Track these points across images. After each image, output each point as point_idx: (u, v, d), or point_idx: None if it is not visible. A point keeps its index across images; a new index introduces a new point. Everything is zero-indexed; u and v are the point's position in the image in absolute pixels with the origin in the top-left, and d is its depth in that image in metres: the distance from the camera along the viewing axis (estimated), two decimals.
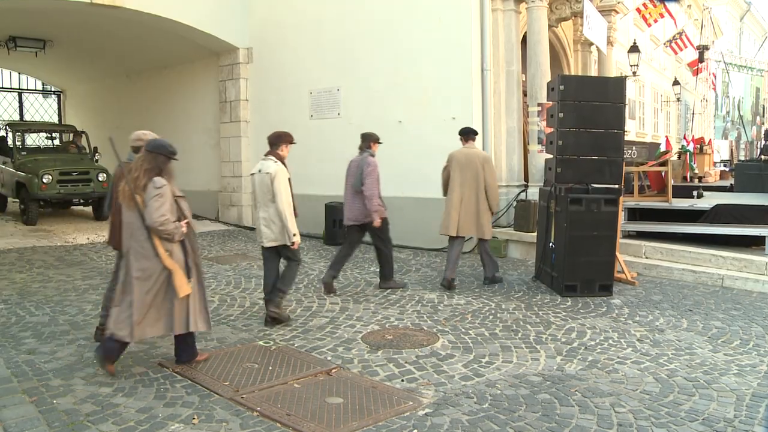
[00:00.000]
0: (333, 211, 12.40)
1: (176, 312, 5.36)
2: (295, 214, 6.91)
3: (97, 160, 15.97)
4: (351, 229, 8.65)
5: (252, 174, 7.19)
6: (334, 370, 5.56)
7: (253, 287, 8.75)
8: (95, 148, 16.35)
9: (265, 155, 7.02)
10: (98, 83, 20.55)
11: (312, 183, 13.32)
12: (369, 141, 8.52)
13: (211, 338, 6.44)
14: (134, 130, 6.39)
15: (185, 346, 5.65)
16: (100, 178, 14.89)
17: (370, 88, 12.66)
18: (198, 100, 16.24)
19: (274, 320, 6.91)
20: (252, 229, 14.45)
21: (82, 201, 15.47)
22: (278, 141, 7.03)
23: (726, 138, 34.90)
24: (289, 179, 6.95)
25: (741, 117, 34.34)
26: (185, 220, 5.47)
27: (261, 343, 6.31)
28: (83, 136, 17.01)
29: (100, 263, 10.39)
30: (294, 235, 6.77)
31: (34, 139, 18.03)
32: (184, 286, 5.31)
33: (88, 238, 12.89)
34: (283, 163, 6.96)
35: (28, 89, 23.93)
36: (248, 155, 15.02)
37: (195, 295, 5.49)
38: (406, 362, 5.78)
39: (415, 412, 4.70)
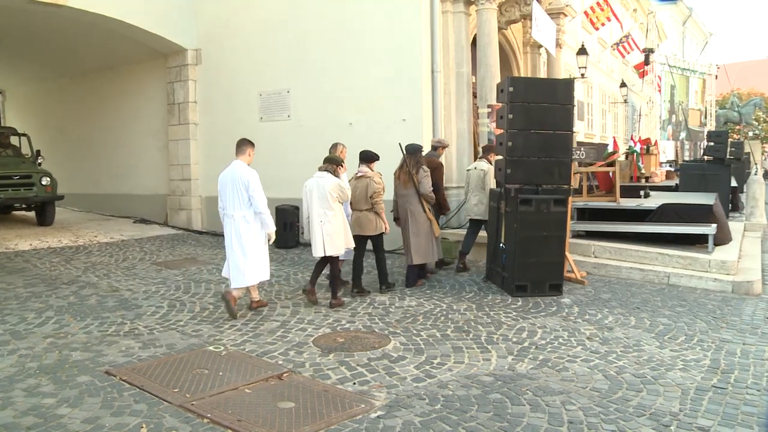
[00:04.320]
0: (284, 214, 12.29)
1: None
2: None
3: (40, 164, 15.53)
4: None
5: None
6: (285, 375, 5.49)
7: (203, 292, 8.61)
8: (38, 152, 15.89)
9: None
10: (41, 84, 20.02)
11: (261, 185, 13.17)
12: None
13: (159, 345, 6.32)
14: (78, 132, 6.27)
15: None
16: (43, 182, 14.49)
17: (320, 89, 12.60)
18: (145, 102, 15.96)
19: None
20: (201, 232, 14.27)
21: (24, 206, 15.02)
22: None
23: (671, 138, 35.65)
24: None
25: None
26: None
27: (211, 348, 6.21)
28: (23, 137, 16.43)
29: (44, 270, 10.10)
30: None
31: None
32: None
33: (30, 245, 12.52)
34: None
35: None
36: (197, 158, 14.81)
37: None
38: (357, 365, 5.75)
39: (367, 415, 4.67)
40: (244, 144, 7.84)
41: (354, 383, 5.32)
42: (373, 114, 11.80)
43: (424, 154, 9.35)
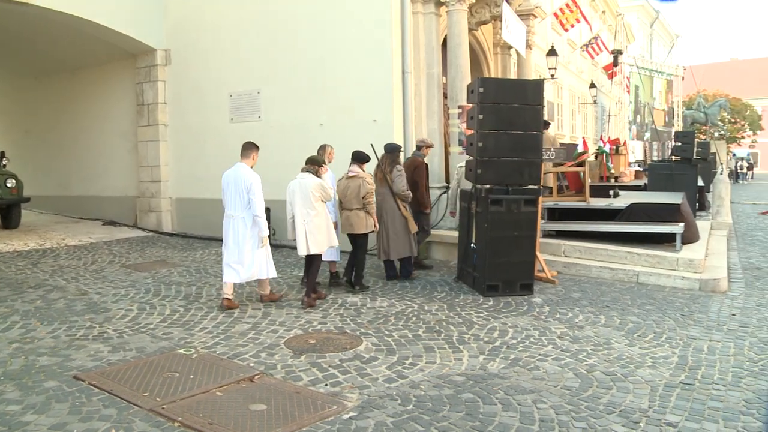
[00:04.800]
0: None
1: None
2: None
3: (5, 166, 15.26)
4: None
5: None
6: (257, 377, 5.47)
7: (173, 294, 8.54)
8: (2, 153, 15.62)
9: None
10: (5, 84, 19.61)
11: None
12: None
13: (129, 348, 6.25)
14: (45, 133, 6.24)
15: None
16: (8, 185, 14.24)
17: (291, 90, 12.54)
18: (113, 103, 15.76)
19: None
20: (172, 234, 14.15)
21: None
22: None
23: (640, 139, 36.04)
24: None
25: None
26: None
27: (182, 351, 6.15)
28: None
29: (9, 274, 9.93)
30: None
31: None
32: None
33: None
34: None
35: None
36: (167, 159, 14.68)
37: None
38: (329, 366, 5.73)
39: (340, 416, 4.66)
40: (248, 147, 8.11)
41: (326, 384, 5.31)
42: (344, 115, 11.78)
43: (411, 154, 9.45)
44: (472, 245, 8.79)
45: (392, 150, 9.38)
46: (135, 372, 5.55)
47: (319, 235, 7.95)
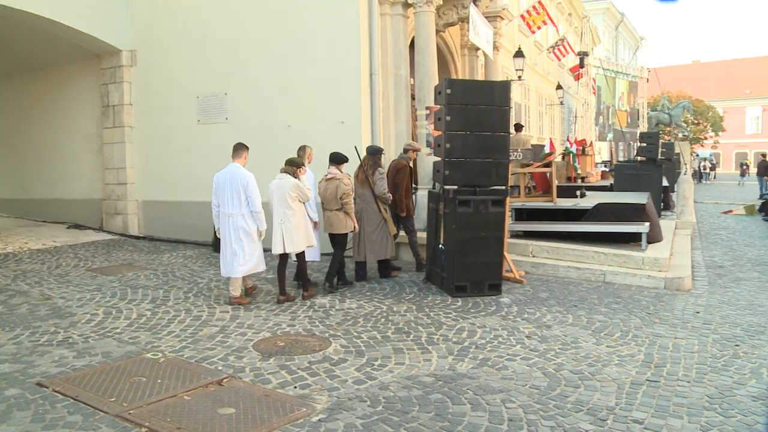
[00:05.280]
0: None
1: None
2: None
3: None
4: None
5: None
6: (225, 380, 5.43)
7: (140, 298, 8.44)
8: None
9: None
10: None
11: (199, 189, 13.00)
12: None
13: (95, 353, 6.16)
14: (6, 135, 6.13)
15: None
16: None
17: (258, 92, 12.48)
18: (78, 104, 15.53)
19: None
20: (139, 237, 14.00)
21: None
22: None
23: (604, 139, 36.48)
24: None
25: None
26: None
27: (149, 355, 6.08)
28: None
29: None
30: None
31: None
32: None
33: None
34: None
35: None
36: (133, 161, 14.51)
37: None
38: (298, 368, 5.71)
39: (309, 419, 4.65)
40: (240, 148, 8.42)
41: (295, 387, 5.29)
42: (311, 116, 11.74)
43: (397, 156, 9.79)
44: (440, 246, 8.82)
45: (374, 152, 9.54)
46: (101, 377, 5.47)
47: (295, 235, 8.18)
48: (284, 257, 8.36)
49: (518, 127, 17.34)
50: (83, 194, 15.51)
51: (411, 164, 10.38)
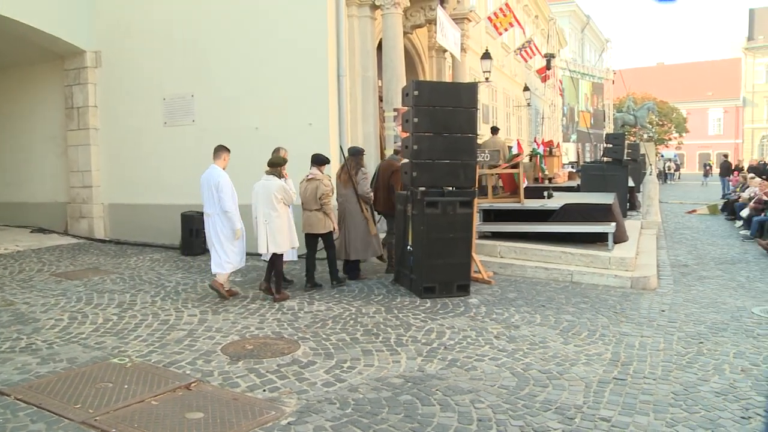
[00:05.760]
0: (190, 220, 12.02)
1: None
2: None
3: None
4: None
5: None
6: (193, 384, 5.38)
7: (106, 303, 8.32)
8: None
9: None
10: None
11: (166, 192, 12.91)
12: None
13: (60, 359, 6.05)
14: None
15: None
16: None
17: (225, 93, 12.39)
18: (41, 106, 15.26)
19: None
20: (105, 241, 13.83)
21: None
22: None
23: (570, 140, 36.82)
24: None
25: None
26: None
27: (115, 360, 6.00)
28: None
29: None
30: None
31: None
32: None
33: None
34: None
35: None
36: (99, 164, 14.31)
37: None
38: (267, 372, 5.68)
39: (278, 422, 4.62)
40: (219, 150, 8.67)
41: (264, 390, 5.26)
42: (279, 118, 11.69)
43: (387, 157, 9.91)
44: (408, 247, 8.83)
45: (357, 153, 9.68)
46: (66, 384, 5.38)
47: (279, 236, 8.38)
48: (279, 256, 8.61)
49: (494, 130, 17.52)
50: (47, 197, 15.25)
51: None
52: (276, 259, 8.54)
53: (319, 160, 9.12)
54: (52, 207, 15.03)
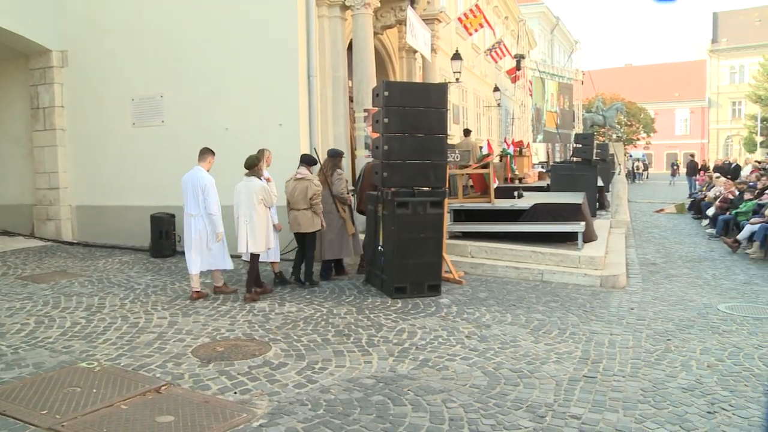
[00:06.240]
0: (159, 222, 11.91)
1: None
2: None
3: None
4: None
5: None
6: (163, 388, 5.32)
7: (74, 306, 8.20)
8: None
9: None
10: None
11: (135, 193, 12.78)
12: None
13: (25, 364, 5.94)
14: None
15: None
16: None
17: (195, 94, 12.29)
18: (5, 106, 14.99)
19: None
20: (72, 243, 13.65)
21: None
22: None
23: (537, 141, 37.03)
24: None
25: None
26: None
27: (84, 365, 5.91)
28: None
29: None
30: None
31: None
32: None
33: None
34: None
35: None
36: (66, 165, 14.12)
37: None
38: (238, 374, 5.65)
39: (250, 424, 4.60)
40: (205, 152, 8.79)
41: (235, 392, 5.22)
42: (249, 119, 11.64)
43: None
44: (379, 248, 8.84)
45: (334, 155, 9.79)
46: (32, 389, 5.28)
47: (258, 236, 8.48)
48: (256, 256, 8.71)
49: (467, 132, 17.63)
50: (12, 199, 15.00)
51: None
52: (252, 258, 8.61)
53: (308, 161, 9.33)
54: (18, 209, 14.79)
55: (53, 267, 11.08)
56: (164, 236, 11.91)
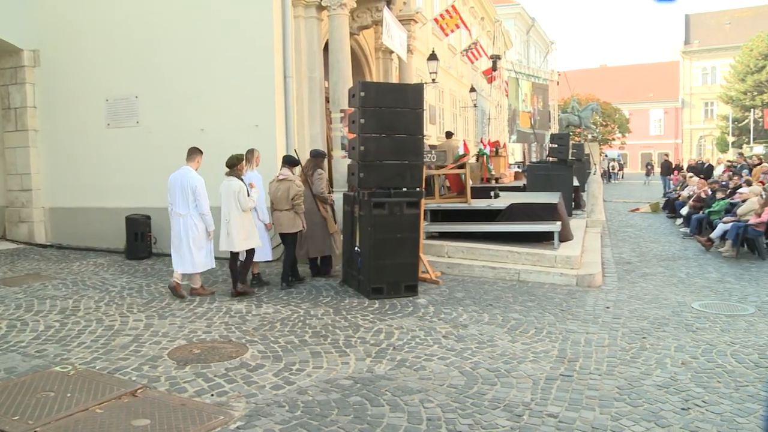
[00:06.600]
0: (135, 223, 11.82)
1: None
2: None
3: None
4: None
5: None
6: (139, 391, 5.28)
7: (48, 309, 8.10)
8: None
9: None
10: None
11: (110, 195, 12.66)
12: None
13: None
14: None
15: None
16: None
17: (170, 95, 12.20)
18: None
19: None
20: (46, 246, 13.49)
21: None
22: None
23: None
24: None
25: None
26: None
27: (58, 368, 5.84)
28: None
29: None
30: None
31: None
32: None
33: None
34: None
35: None
36: (39, 167, 13.94)
37: None
38: (215, 376, 5.62)
39: (227, 427, 4.58)
40: (193, 152, 8.89)
41: (212, 395, 5.19)
42: (225, 120, 11.56)
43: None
44: (356, 248, 8.83)
45: (316, 155, 9.93)
46: (3, 395, 5.20)
47: (237, 235, 8.64)
48: (235, 256, 8.86)
49: (449, 135, 17.67)
50: None
51: None
52: (233, 256, 8.83)
53: (290, 161, 9.44)
54: None
55: (26, 270, 10.95)
56: (140, 238, 11.82)
